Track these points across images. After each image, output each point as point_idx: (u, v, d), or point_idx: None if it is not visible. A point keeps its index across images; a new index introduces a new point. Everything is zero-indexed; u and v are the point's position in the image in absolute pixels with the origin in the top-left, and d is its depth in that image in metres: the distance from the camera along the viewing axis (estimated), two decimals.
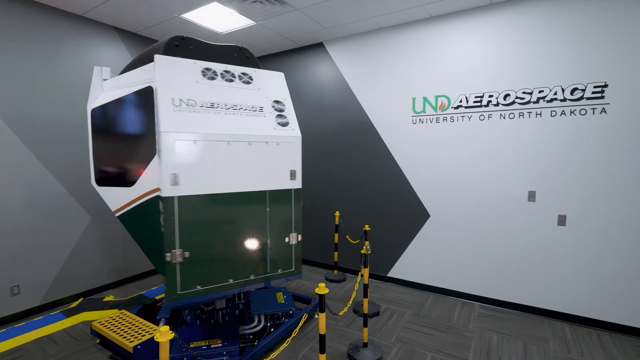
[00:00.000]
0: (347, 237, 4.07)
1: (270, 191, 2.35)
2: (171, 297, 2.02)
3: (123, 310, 2.80)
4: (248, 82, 2.43)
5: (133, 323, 2.59)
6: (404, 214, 3.81)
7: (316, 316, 3.12)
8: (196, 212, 2.08)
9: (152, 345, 2.33)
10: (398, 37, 3.71)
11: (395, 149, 3.82)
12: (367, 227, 3.36)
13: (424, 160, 3.64)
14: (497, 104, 3.20)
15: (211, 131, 2.09)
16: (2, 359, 2.51)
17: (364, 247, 2.57)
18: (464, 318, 3.12)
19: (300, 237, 2.54)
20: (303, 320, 2.03)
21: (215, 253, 2.16)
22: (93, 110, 2.54)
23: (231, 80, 2.37)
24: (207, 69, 2.30)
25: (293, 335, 2.03)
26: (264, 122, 2.34)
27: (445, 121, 3.48)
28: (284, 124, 2.41)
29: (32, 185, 3.17)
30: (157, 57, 2.14)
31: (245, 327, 2.68)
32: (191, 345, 2.32)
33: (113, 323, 2.60)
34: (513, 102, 3.12)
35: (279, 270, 2.45)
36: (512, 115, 3.14)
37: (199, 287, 2.11)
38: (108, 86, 2.56)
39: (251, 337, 2.59)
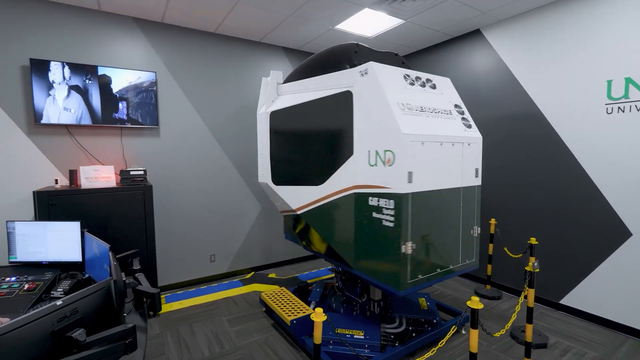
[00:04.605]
0: (506, 249, 3.52)
1: (463, 188, 2.48)
2: (402, 286, 2.12)
3: (283, 287, 3.27)
4: (434, 87, 2.56)
5: (290, 300, 2.99)
6: (589, 229, 3.01)
7: (464, 332, 2.83)
8: (422, 207, 2.20)
9: (305, 322, 2.63)
10: (583, 7, 2.94)
11: (577, 145, 3.06)
12: (533, 241, 2.82)
13: (627, 161, 2.76)
14: None
15: (432, 133, 2.23)
16: (204, 308, 3.35)
17: (530, 264, 2.18)
18: None
19: (479, 230, 2.62)
20: (451, 332, 1.88)
21: (431, 245, 2.29)
22: (273, 113, 2.98)
23: (423, 86, 2.50)
24: (407, 75, 2.44)
25: (439, 345, 1.91)
26: (455, 124, 2.46)
27: None
28: (469, 126, 2.54)
29: (223, 177, 4.10)
30: (372, 64, 2.28)
31: (387, 325, 2.69)
32: (336, 331, 2.50)
33: (276, 297, 3.07)
34: None
35: (466, 261, 2.54)
36: None
37: (420, 277, 2.22)
38: (284, 91, 2.97)
39: (392, 336, 2.58)
